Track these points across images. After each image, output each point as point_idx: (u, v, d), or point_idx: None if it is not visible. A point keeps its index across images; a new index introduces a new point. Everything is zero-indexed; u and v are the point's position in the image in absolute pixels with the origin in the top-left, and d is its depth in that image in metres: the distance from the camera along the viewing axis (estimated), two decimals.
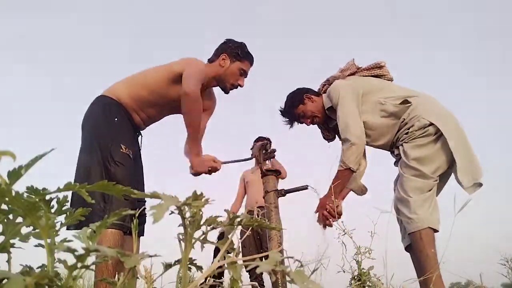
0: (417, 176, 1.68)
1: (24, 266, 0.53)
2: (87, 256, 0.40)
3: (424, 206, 1.64)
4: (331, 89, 1.93)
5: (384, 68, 2.00)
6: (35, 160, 0.44)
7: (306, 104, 2.05)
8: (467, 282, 1.58)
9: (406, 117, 1.77)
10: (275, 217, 1.74)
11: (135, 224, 0.69)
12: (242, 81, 1.84)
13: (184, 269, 0.52)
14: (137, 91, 1.68)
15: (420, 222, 1.61)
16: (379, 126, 1.84)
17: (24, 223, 0.48)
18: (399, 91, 1.86)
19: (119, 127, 1.57)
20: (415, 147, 1.70)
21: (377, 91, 1.87)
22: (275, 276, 1.51)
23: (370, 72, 2.01)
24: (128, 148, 1.53)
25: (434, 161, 1.69)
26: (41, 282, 0.35)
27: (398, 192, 1.74)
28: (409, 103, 1.78)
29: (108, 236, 1.37)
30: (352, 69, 2.02)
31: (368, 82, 1.92)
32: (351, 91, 1.85)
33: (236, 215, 0.58)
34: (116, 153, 1.48)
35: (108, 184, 0.49)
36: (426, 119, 1.70)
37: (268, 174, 1.87)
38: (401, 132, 1.79)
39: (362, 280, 1.34)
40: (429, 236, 1.60)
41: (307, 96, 2.06)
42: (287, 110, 2.12)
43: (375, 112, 1.84)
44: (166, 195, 0.50)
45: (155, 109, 1.77)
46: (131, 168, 1.54)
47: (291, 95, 2.12)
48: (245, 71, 1.83)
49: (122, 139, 1.53)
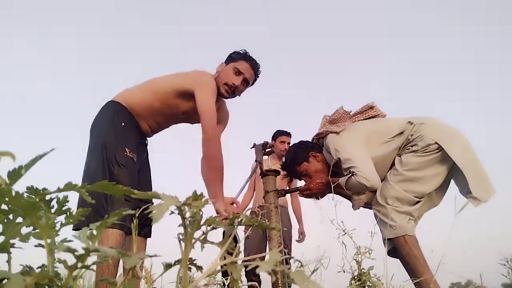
0: (403, 181, 1.68)
1: (24, 266, 0.53)
2: (87, 256, 0.40)
3: (401, 215, 1.65)
4: (332, 146, 1.81)
5: (375, 107, 1.93)
6: (35, 160, 0.44)
7: (310, 162, 1.94)
8: (467, 282, 1.58)
9: (410, 137, 1.73)
10: (275, 217, 1.75)
11: (135, 224, 0.69)
12: (237, 80, 1.73)
13: (184, 269, 0.52)
14: (147, 99, 1.69)
15: (397, 229, 1.63)
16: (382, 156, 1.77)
17: (24, 223, 0.48)
18: (399, 122, 1.80)
19: (125, 131, 1.59)
20: (414, 156, 1.69)
21: (377, 134, 1.80)
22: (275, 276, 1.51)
23: (364, 115, 1.93)
24: (132, 152, 1.55)
25: (426, 181, 1.67)
26: (41, 282, 0.35)
27: (376, 198, 1.75)
28: (412, 123, 1.75)
29: (108, 236, 1.37)
30: (344, 118, 1.91)
31: (366, 128, 1.84)
32: (354, 140, 1.77)
33: (236, 215, 0.58)
34: (120, 155, 1.49)
35: (108, 184, 0.49)
36: (429, 138, 1.67)
37: (268, 174, 1.87)
38: (403, 149, 1.76)
39: (362, 280, 1.34)
40: (412, 239, 1.62)
41: (313, 154, 1.95)
42: (288, 166, 2.00)
43: (379, 150, 1.78)
44: (166, 195, 0.50)
45: (163, 117, 1.76)
46: (133, 171, 1.55)
47: (295, 151, 1.99)
48: (239, 70, 1.74)
49: (127, 143, 1.55)
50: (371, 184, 1.65)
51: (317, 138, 2.00)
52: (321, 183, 1.87)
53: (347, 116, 1.92)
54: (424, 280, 1.50)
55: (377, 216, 1.72)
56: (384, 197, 1.71)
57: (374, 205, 1.77)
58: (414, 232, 1.65)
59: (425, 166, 1.67)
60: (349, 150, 1.73)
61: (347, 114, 1.92)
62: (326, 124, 1.94)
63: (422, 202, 1.71)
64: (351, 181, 1.69)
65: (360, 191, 1.77)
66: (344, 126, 1.84)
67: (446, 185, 1.77)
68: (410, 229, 1.64)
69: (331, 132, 1.85)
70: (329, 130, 1.87)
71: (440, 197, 1.78)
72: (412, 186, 1.67)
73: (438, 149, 1.66)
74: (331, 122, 1.93)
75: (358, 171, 1.66)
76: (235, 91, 1.76)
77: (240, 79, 1.74)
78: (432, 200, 1.76)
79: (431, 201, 1.76)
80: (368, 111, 1.93)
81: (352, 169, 1.68)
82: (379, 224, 1.72)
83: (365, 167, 1.66)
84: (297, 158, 1.95)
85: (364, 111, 1.93)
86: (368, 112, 1.93)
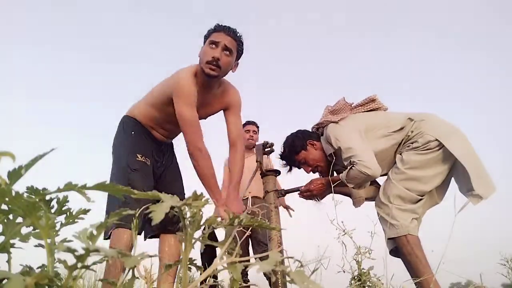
0: (405, 180, 1.68)
1: (24, 266, 0.53)
2: (87, 256, 0.40)
3: (404, 214, 1.66)
4: (332, 135, 1.82)
5: (377, 100, 1.94)
6: (35, 160, 0.44)
7: (308, 150, 1.93)
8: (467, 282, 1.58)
9: (410, 134, 1.74)
10: (275, 217, 1.75)
11: (135, 224, 0.70)
12: (215, 52, 1.58)
13: (184, 269, 0.52)
14: (149, 112, 1.76)
15: (400, 229, 1.63)
16: (381, 150, 1.77)
17: (24, 223, 0.48)
18: (399, 118, 1.81)
19: (136, 139, 1.72)
20: (415, 154, 1.69)
21: (377, 127, 1.81)
22: (275, 276, 1.51)
23: (365, 108, 1.93)
24: (145, 157, 1.66)
25: (428, 180, 1.68)
26: (41, 282, 0.35)
27: (378, 197, 1.75)
28: (412, 120, 1.76)
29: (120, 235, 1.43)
30: (345, 109, 1.92)
31: (367, 120, 1.84)
32: (353, 130, 1.78)
33: (236, 215, 0.58)
34: (132, 161, 1.62)
35: (108, 184, 0.49)
36: (429, 135, 1.67)
37: (268, 174, 1.87)
38: (403, 146, 1.77)
39: (362, 280, 1.34)
40: (414, 239, 1.62)
41: (311, 143, 1.94)
42: (287, 155, 1.99)
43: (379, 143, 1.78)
44: (166, 195, 0.50)
45: (171, 124, 1.75)
46: (147, 173, 1.65)
47: (293, 139, 1.98)
48: (214, 41, 1.61)
49: (137, 150, 1.67)
50: (372, 172, 1.64)
51: (317, 128, 2.01)
52: (321, 184, 1.87)
53: (348, 108, 1.93)
54: (425, 280, 1.50)
55: (380, 215, 1.72)
56: (386, 196, 1.71)
57: (377, 204, 1.77)
58: (417, 232, 1.65)
59: (427, 164, 1.67)
60: (350, 140, 1.74)
61: (349, 105, 1.93)
62: (328, 114, 1.95)
63: (424, 200, 1.72)
64: (352, 172, 1.69)
65: (361, 182, 1.76)
66: (344, 117, 1.85)
67: (447, 183, 1.77)
68: (413, 228, 1.64)
69: (332, 121, 1.86)
70: (329, 120, 1.88)
71: (441, 195, 1.78)
72: (414, 185, 1.68)
73: (438, 146, 1.66)
74: (332, 113, 1.93)
75: (358, 160, 1.66)
76: (219, 64, 1.60)
77: (218, 50, 1.60)
78: (433, 198, 1.77)
79: (432, 199, 1.77)
80: (369, 104, 1.94)
81: (353, 158, 1.68)
82: (382, 224, 1.72)
83: (365, 156, 1.66)
84: (295, 147, 1.94)
85: (366, 104, 1.94)
86: (370, 105, 1.94)
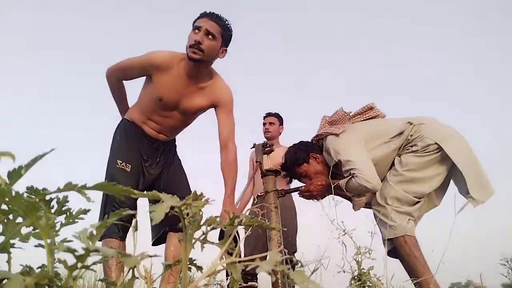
0: (403, 182, 1.68)
1: (24, 266, 0.53)
2: (87, 256, 0.40)
3: (401, 216, 1.66)
4: (331, 148, 1.80)
5: (375, 108, 1.92)
6: (35, 160, 0.44)
7: (310, 164, 1.92)
8: (467, 282, 1.59)
9: (410, 137, 1.73)
10: (275, 217, 1.75)
11: (134, 224, 0.70)
12: (197, 36, 1.62)
13: (184, 269, 0.52)
14: (138, 103, 1.82)
15: (397, 229, 1.63)
16: (382, 157, 1.77)
17: (24, 223, 0.48)
18: (398, 123, 1.80)
19: (119, 144, 1.76)
20: (414, 157, 1.69)
21: (377, 134, 1.80)
22: (275, 276, 1.51)
23: (364, 116, 1.91)
24: (125, 163, 1.70)
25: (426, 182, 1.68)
26: (41, 282, 0.35)
27: (376, 198, 1.75)
28: (411, 124, 1.75)
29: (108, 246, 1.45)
30: (344, 119, 1.90)
31: (367, 129, 1.83)
32: (353, 142, 1.76)
33: (236, 215, 0.58)
34: (112, 167, 1.69)
35: (108, 185, 0.49)
36: (429, 138, 1.67)
37: (268, 174, 1.87)
38: (403, 149, 1.76)
39: (362, 280, 1.34)
40: (412, 239, 1.62)
41: (313, 156, 1.93)
42: (288, 166, 1.98)
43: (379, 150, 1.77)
44: (165, 195, 0.50)
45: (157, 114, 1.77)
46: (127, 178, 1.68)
47: (295, 151, 1.97)
48: (197, 26, 1.65)
49: (119, 156, 1.71)
50: (372, 186, 1.65)
51: (317, 139, 1.99)
52: (321, 185, 1.87)
53: (347, 117, 1.91)
54: (424, 280, 1.50)
55: (377, 217, 1.72)
56: (384, 198, 1.71)
57: (374, 205, 1.77)
58: (414, 232, 1.66)
59: (425, 167, 1.67)
60: (350, 152, 1.73)
61: (347, 115, 1.92)
62: (326, 125, 1.93)
63: (422, 203, 1.71)
64: (352, 183, 1.68)
65: (361, 193, 1.77)
66: (344, 128, 1.83)
67: (445, 186, 1.77)
68: (410, 229, 1.64)
69: (331, 134, 1.84)
70: (328, 132, 1.86)
71: (439, 197, 1.78)
72: (411, 187, 1.67)
73: (437, 149, 1.66)
74: (331, 123, 1.92)
75: (359, 173, 1.65)
76: (201, 47, 1.62)
77: (201, 34, 1.63)
78: (432, 201, 1.77)
79: (431, 201, 1.77)
80: (367, 112, 1.92)
81: (353, 171, 1.67)
82: (379, 225, 1.72)
83: (365, 169, 1.66)
84: (298, 159, 1.94)
85: (364, 112, 1.92)
86: (368, 113, 1.92)
